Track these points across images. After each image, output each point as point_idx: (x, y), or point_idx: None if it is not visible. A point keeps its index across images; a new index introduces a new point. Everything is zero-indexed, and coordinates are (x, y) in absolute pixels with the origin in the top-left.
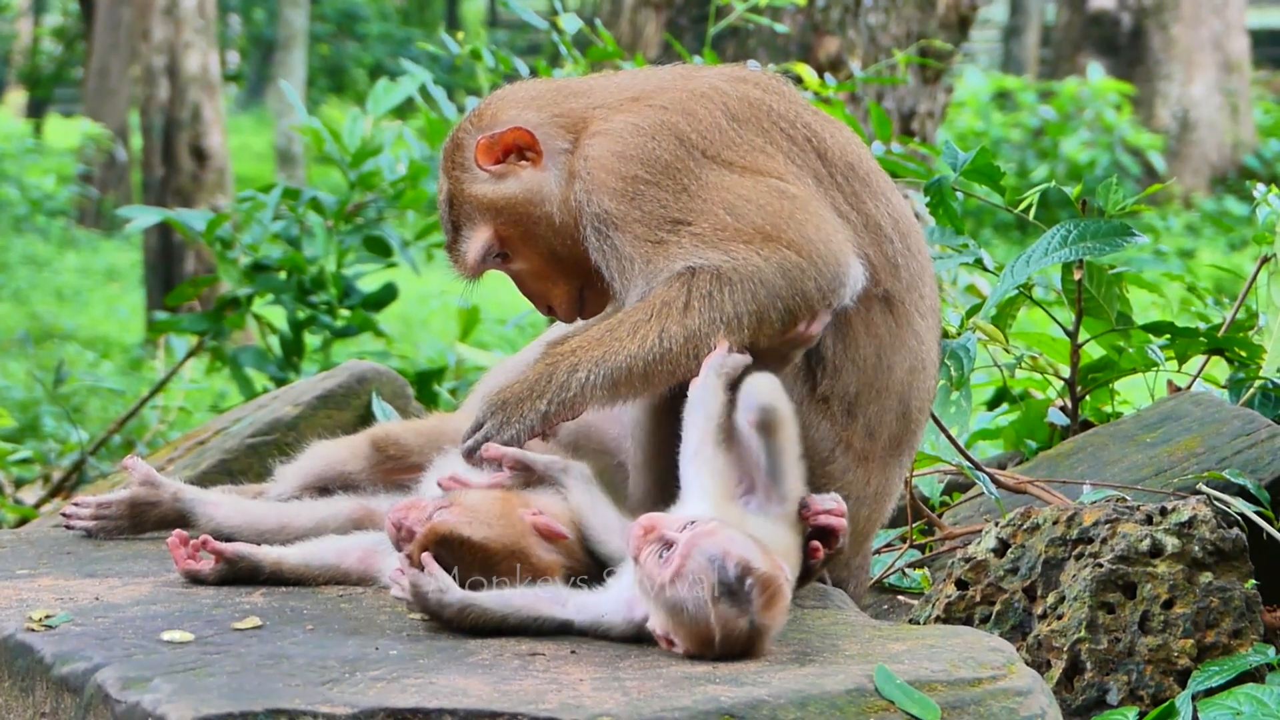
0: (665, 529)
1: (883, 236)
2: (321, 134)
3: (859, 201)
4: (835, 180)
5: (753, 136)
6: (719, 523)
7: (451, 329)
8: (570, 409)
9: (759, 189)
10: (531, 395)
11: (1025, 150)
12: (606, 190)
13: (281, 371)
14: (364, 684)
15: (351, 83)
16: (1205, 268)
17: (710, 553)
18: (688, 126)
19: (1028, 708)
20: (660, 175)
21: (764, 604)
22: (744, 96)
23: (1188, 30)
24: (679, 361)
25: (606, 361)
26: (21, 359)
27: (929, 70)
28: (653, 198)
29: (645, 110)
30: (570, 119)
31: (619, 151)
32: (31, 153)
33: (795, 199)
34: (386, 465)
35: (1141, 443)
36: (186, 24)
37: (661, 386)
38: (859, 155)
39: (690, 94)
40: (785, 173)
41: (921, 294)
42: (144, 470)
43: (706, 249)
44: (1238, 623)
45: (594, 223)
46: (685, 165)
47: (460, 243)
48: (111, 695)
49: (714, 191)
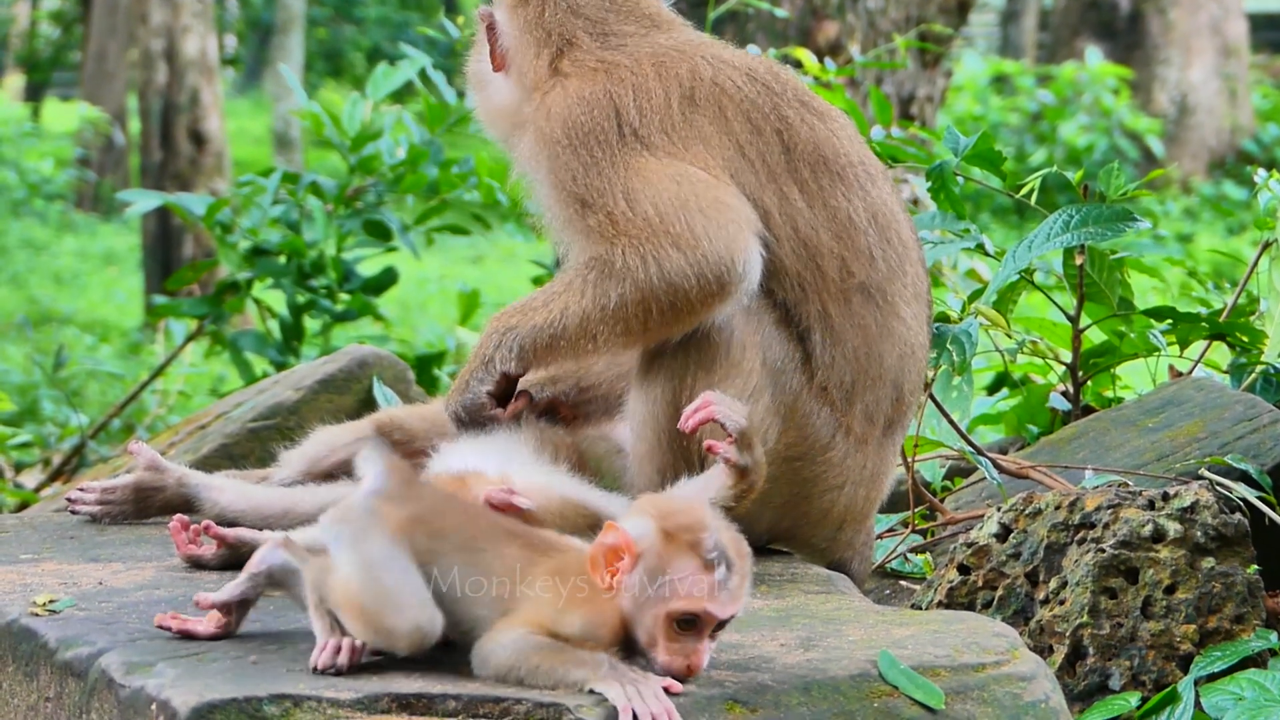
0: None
1: (854, 229)
2: (321, 118)
3: (826, 195)
4: (797, 174)
5: (703, 123)
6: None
7: (451, 313)
8: (504, 381)
9: (664, 177)
10: (474, 369)
11: (1023, 134)
12: (534, 137)
13: (281, 356)
14: (367, 669)
15: (349, 67)
16: (1204, 252)
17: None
18: (630, 100)
19: (1031, 693)
20: (578, 144)
21: None
22: (719, 82)
23: (1186, 14)
24: (577, 343)
25: (521, 329)
26: (20, 343)
27: (928, 55)
28: (565, 164)
29: (602, 77)
30: (561, 43)
31: (554, 111)
32: (29, 136)
33: (700, 191)
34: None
35: (1143, 428)
36: (184, 8)
37: (568, 361)
38: (837, 149)
39: (661, 69)
40: (711, 163)
41: (904, 281)
42: (149, 455)
43: (603, 242)
44: (1240, 608)
45: (525, 163)
46: (607, 139)
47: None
48: (116, 680)
49: (621, 173)
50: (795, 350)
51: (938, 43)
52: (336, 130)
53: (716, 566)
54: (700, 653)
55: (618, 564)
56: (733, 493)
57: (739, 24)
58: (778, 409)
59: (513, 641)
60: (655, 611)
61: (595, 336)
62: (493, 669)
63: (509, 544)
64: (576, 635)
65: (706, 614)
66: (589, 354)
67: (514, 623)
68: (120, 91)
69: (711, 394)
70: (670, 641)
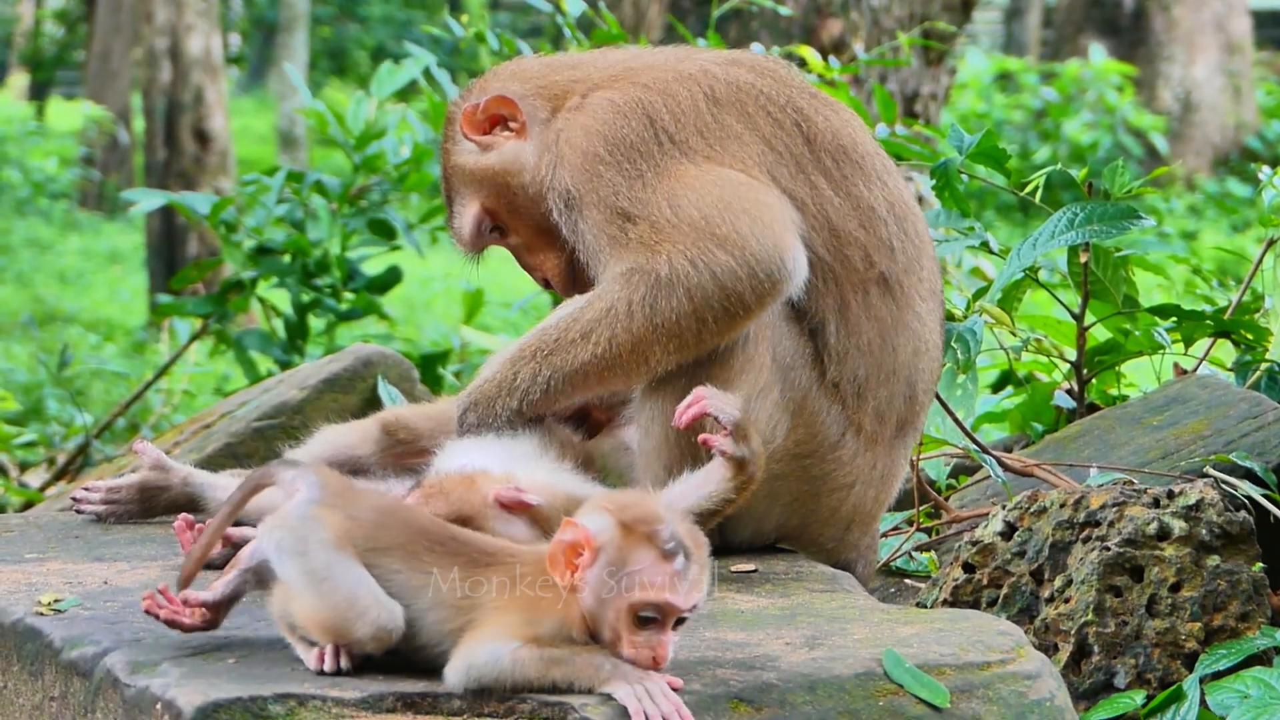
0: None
1: (876, 218)
2: (326, 117)
3: (849, 184)
4: (822, 164)
5: (731, 121)
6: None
7: (456, 312)
8: (537, 408)
9: (707, 182)
10: (500, 394)
11: (1027, 132)
12: (568, 166)
13: (286, 355)
14: (372, 668)
15: (353, 65)
16: (1209, 250)
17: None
18: (663, 107)
19: (1036, 691)
20: (620, 158)
21: None
22: (732, 80)
23: (1190, 11)
24: (630, 367)
25: (564, 368)
26: (25, 342)
27: (932, 52)
28: (609, 181)
29: (626, 87)
30: (553, 91)
31: (588, 127)
32: (34, 135)
33: (742, 193)
34: (396, 449)
35: (1148, 426)
36: (189, 6)
37: (620, 385)
38: (854, 138)
39: (677, 75)
40: (748, 162)
41: (920, 275)
42: (154, 454)
43: (645, 251)
44: (1245, 606)
45: (558, 199)
46: (648, 149)
47: (454, 218)
48: (120, 679)
49: (665, 182)
50: (806, 345)
51: (942, 40)
52: (341, 129)
53: (675, 556)
54: (665, 645)
55: (577, 560)
56: (732, 485)
57: (743, 22)
58: (787, 405)
59: (508, 654)
60: (617, 605)
61: (648, 358)
62: (485, 683)
63: (454, 557)
64: (549, 638)
65: (668, 604)
66: (641, 377)
67: (493, 635)
68: (124, 90)
69: (704, 389)
70: (634, 635)
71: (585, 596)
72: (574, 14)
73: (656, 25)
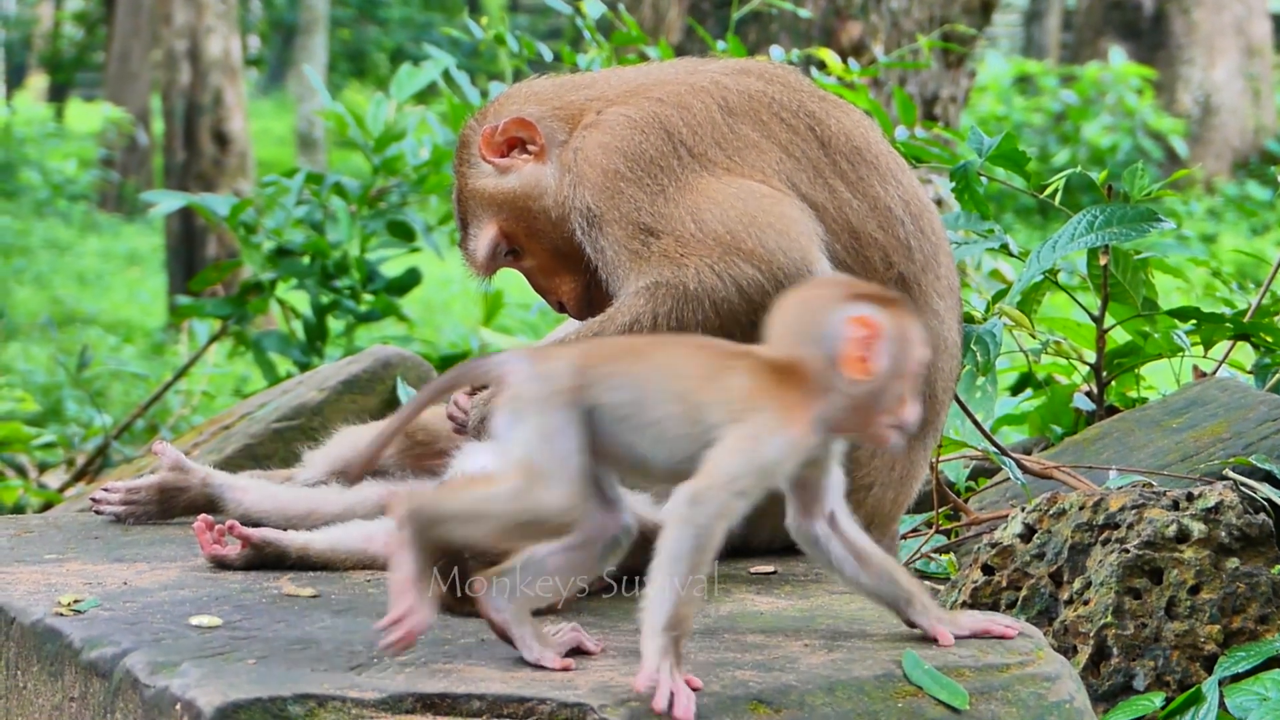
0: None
1: (893, 218)
2: (345, 119)
3: (866, 185)
4: (838, 167)
5: (747, 130)
6: None
7: (474, 313)
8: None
9: (729, 195)
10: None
11: (1047, 135)
12: (589, 185)
13: (305, 356)
14: (392, 669)
15: (373, 67)
16: (1228, 252)
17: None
18: (680, 120)
19: (1055, 693)
20: (641, 173)
21: None
22: (744, 89)
23: (1210, 14)
24: None
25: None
26: (44, 343)
27: (951, 55)
28: (630, 197)
29: (641, 102)
30: (569, 111)
31: (606, 144)
32: (53, 137)
33: (766, 205)
34: (415, 451)
35: (1168, 428)
36: (208, 8)
37: None
38: (866, 139)
39: (690, 87)
40: (767, 171)
41: (938, 275)
42: (173, 455)
43: (670, 264)
44: (1264, 608)
45: (580, 218)
46: (668, 163)
47: (469, 240)
48: (140, 680)
49: (687, 195)
50: None
51: (961, 43)
52: (360, 131)
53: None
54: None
55: (869, 350)
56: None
57: (762, 24)
58: None
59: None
60: (909, 372)
61: None
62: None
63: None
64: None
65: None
66: None
67: (768, 427)
68: (144, 92)
69: None
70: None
71: (873, 383)
72: (593, 16)
73: (676, 28)
